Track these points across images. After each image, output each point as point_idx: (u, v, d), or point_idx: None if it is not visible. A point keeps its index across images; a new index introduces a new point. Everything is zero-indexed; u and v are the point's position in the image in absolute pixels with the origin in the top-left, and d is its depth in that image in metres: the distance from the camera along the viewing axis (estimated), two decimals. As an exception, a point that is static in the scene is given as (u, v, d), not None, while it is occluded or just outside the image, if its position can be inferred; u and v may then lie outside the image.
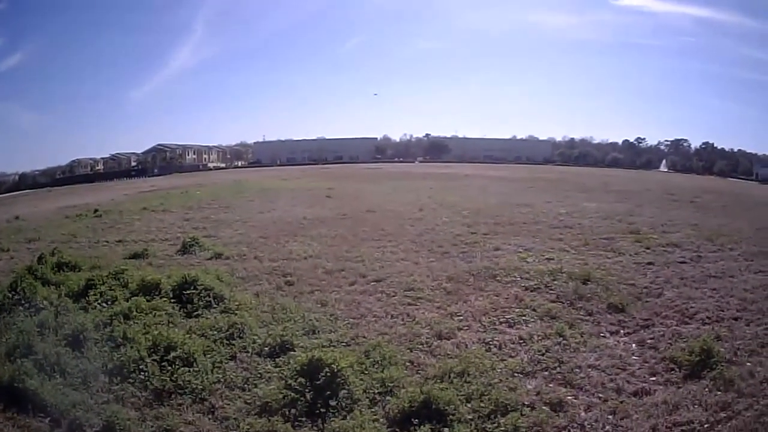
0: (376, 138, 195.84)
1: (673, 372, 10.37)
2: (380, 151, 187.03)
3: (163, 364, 10.23)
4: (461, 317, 13.39)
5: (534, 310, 13.69)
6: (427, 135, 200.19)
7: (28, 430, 8.85)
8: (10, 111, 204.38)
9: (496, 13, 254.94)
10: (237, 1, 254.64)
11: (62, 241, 26.69)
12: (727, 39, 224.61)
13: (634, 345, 11.76)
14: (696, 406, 8.97)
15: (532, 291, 15.33)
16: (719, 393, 9.37)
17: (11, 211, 47.38)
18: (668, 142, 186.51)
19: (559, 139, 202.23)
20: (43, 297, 13.92)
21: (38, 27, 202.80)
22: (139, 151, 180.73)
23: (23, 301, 13.58)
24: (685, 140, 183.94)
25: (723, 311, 13.68)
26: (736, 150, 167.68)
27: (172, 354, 10.45)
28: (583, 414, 8.92)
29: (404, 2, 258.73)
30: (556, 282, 15.94)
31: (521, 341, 11.83)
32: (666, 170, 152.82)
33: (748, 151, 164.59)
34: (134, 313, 12.72)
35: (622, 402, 9.23)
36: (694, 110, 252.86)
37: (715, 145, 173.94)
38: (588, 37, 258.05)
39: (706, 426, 8.48)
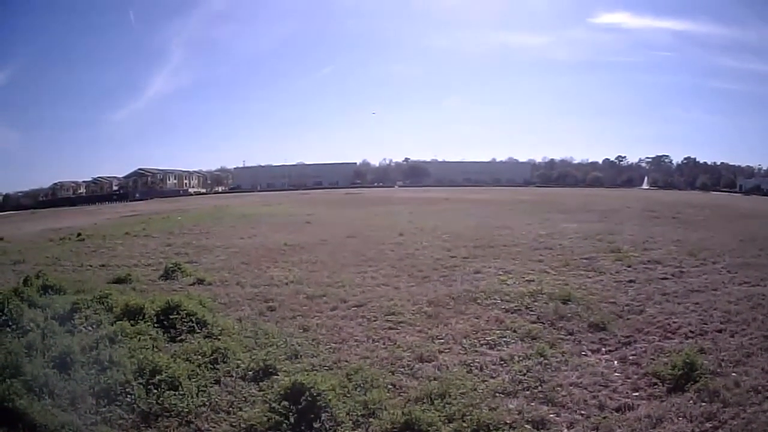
0: (356, 163, 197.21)
1: (656, 386, 10.49)
2: (360, 176, 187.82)
3: (149, 387, 10.27)
4: (442, 340, 13.46)
5: (515, 331, 13.79)
6: (407, 159, 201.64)
7: (18, 451, 8.82)
8: None
9: (470, 35, 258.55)
10: (211, 28, 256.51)
11: (47, 264, 26.67)
12: (704, 50, 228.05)
13: (615, 362, 11.90)
14: (681, 418, 9.11)
15: (512, 313, 15.46)
16: (704, 404, 9.51)
17: None
18: (649, 159, 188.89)
19: (539, 160, 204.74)
20: (29, 319, 13.88)
21: (19, 47, 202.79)
22: (120, 175, 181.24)
23: (10, 323, 13.55)
24: (667, 156, 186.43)
25: (706, 324, 13.91)
26: (719, 163, 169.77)
27: (158, 377, 10.51)
28: (566, 431, 9.04)
29: (378, 28, 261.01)
30: (536, 303, 16.11)
31: (502, 362, 11.92)
32: (648, 187, 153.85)
33: (731, 163, 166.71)
34: (119, 337, 12.72)
35: (605, 418, 9.32)
36: (675, 125, 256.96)
37: (697, 160, 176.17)
38: (565, 56, 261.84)
39: (692, 436, 8.62)
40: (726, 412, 9.21)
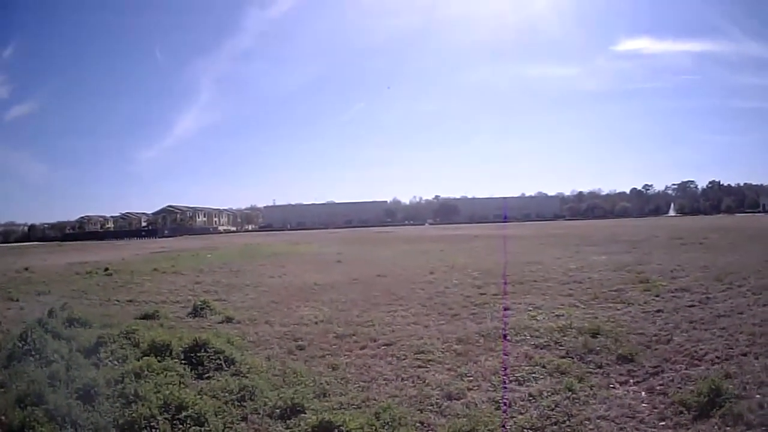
0: (386, 201, 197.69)
1: (682, 415, 10.34)
2: (390, 214, 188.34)
3: (175, 422, 10.28)
4: (471, 377, 13.33)
5: (544, 366, 13.64)
6: (437, 197, 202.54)
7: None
8: (20, 160, 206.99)
9: (497, 70, 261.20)
10: (240, 66, 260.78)
11: (72, 297, 27.10)
12: (725, 69, 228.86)
13: (643, 393, 11.72)
14: (705, 445, 8.90)
15: (541, 348, 15.27)
16: (728, 428, 9.43)
17: (21, 262, 48.40)
18: (675, 186, 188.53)
19: (567, 193, 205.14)
20: (53, 350, 14.02)
21: (51, 79, 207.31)
22: (149, 212, 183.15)
23: (33, 352, 13.71)
24: (692, 182, 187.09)
25: (732, 349, 13.68)
26: (742, 184, 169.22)
27: (184, 413, 10.51)
28: (591, 465, 8.85)
29: (405, 66, 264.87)
30: (565, 338, 15.91)
31: (531, 398, 11.79)
32: (674, 214, 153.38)
33: (754, 183, 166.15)
34: (145, 372, 12.74)
35: (631, 450, 9.13)
36: (699, 148, 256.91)
37: (721, 183, 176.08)
38: (590, 86, 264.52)
39: (715, 462, 8.39)
40: (749, 434, 9.07)
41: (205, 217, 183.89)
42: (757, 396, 10.52)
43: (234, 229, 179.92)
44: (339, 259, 46.06)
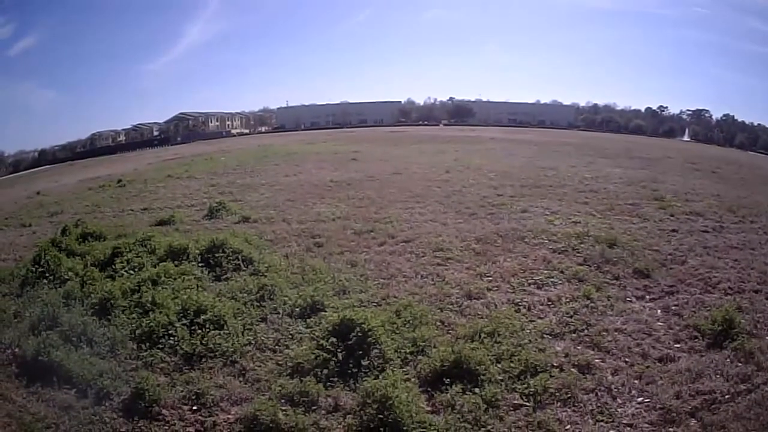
0: (400, 101, 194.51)
1: (696, 340, 10.36)
2: (404, 114, 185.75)
3: (193, 327, 10.33)
4: (490, 278, 13.42)
5: (562, 272, 13.69)
6: (451, 98, 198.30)
7: (52, 404, 8.79)
8: (27, 90, 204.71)
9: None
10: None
11: (86, 213, 26.98)
12: (738, 13, 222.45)
13: (659, 311, 11.75)
14: (718, 376, 8.98)
15: (559, 253, 15.30)
16: (740, 364, 9.34)
17: (32, 187, 47.57)
18: (690, 112, 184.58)
19: (582, 104, 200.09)
20: (68, 268, 14.07)
21: (52, 6, 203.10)
22: (161, 121, 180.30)
23: (47, 274, 13.72)
24: (707, 110, 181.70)
25: (744, 283, 13.48)
26: (756, 124, 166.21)
27: (202, 317, 10.56)
28: (610, 377, 8.99)
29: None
30: (582, 245, 15.88)
31: (550, 303, 11.88)
32: (688, 139, 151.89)
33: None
34: (162, 278, 12.79)
35: (647, 367, 9.29)
36: (712, 82, 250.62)
37: (735, 118, 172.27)
38: (602, 4, 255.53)
39: (726, 397, 8.46)
40: (759, 375, 9.03)
41: (217, 121, 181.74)
42: None
43: (247, 131, 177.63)
44: (354, 158, 45.16)
